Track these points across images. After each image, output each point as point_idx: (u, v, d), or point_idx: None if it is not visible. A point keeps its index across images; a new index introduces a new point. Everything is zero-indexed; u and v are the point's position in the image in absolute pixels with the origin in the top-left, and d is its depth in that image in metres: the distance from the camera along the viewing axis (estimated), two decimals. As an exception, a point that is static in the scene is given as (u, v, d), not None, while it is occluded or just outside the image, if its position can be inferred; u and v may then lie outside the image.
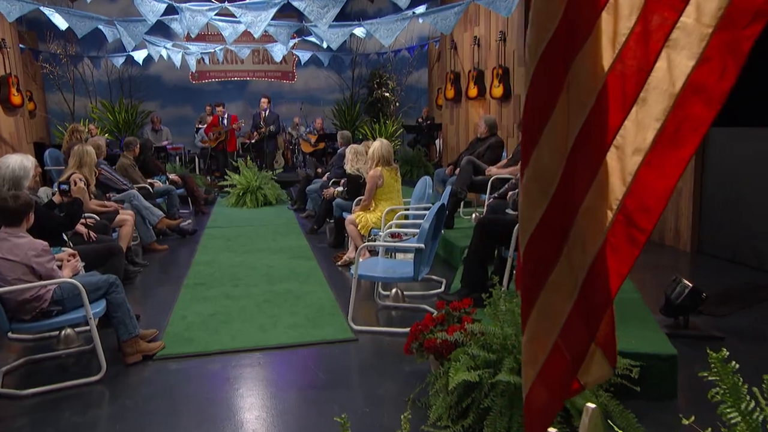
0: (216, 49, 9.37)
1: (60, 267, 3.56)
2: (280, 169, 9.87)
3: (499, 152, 6.57)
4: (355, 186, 6.26)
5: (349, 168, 6.31)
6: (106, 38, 7.53)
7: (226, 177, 9.36)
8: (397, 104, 13.62)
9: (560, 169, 1.49)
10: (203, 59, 9.84)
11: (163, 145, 10.68)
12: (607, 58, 1.44)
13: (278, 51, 9.16)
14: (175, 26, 6.26)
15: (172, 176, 8.36)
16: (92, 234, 4.73)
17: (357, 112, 13.41)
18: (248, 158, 9.56)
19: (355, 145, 6.42)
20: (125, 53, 10.14)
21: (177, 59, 9.10)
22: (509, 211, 4.26)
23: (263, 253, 6.35)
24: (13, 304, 3.31)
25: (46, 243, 3.43)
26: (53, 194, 5.40)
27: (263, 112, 10.34)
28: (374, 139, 5.70)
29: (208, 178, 11.04)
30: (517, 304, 2.80)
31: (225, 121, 10.11)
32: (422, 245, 3.87)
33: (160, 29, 7.81)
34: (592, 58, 1.45)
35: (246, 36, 7.67)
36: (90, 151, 5.54)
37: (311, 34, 7.46)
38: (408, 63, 13.40)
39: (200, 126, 12.25)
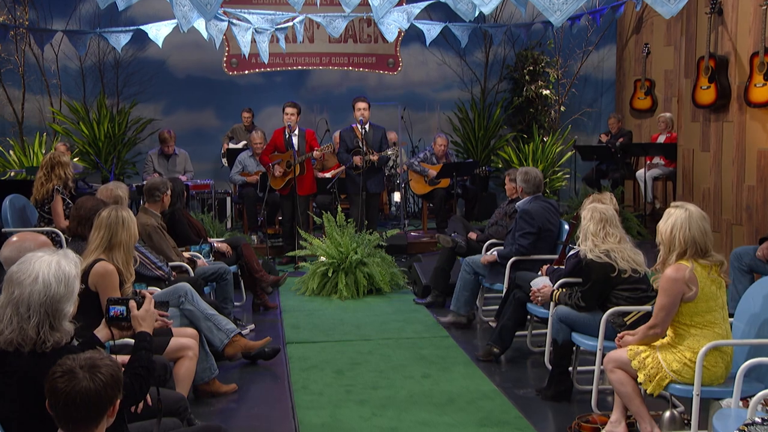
0: (295, 21, 8.71)
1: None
2: (394, 231, 9.05)
3: None
4: (603, 285, 5.39)
5: (590, 249, 5.41)
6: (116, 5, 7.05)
7: (302, 241, 8.62)
8: (562, 109, 12.83)
9: None
10: (277, 39, 9.12)
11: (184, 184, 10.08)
12: None
13: (393, 24, 8.45)
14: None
15: (217, 244, 7.64)
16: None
17: (495, 121, 12.64)
18: (338, 208, 8.78)
19: (599, 206, 5.52)
20: (130, 28, 9.67)
21: (245, 43, 8.44)
22: None
23: (420, 407, 5.49)
24: None
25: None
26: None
27: (362, 127, 9.51)
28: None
29: (254, 238, 10.42)
30: None
31: (294, 141, 9.28)
32: None
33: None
34: None
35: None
36: (128, 222, 4.83)
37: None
38: (585, 38, 12.62)
39: (232, 145, 11.75)
